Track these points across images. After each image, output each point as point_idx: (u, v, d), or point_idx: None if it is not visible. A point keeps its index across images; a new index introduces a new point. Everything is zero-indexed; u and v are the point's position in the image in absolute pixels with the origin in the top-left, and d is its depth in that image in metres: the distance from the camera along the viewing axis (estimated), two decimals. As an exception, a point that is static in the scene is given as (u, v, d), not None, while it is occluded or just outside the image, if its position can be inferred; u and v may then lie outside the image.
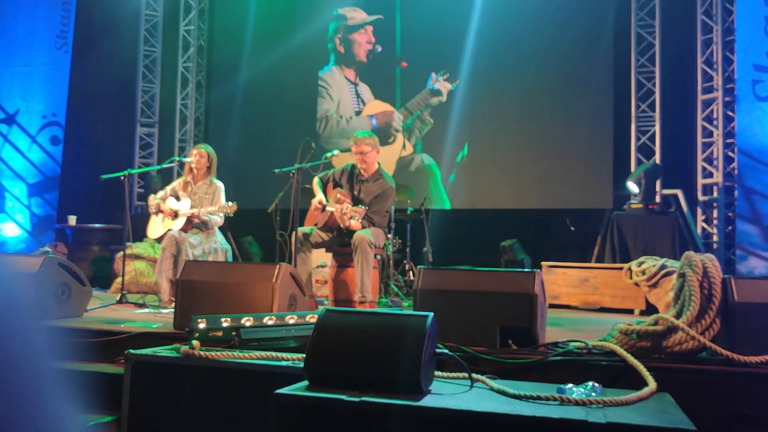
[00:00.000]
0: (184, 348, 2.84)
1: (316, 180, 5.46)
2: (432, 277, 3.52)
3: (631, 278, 5.46)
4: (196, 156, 5.67)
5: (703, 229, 7.67)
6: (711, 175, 7.68)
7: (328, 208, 5.12)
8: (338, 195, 5.24)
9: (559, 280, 6.33)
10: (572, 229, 7.88)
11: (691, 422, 2.04)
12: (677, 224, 6.73)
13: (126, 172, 5.67)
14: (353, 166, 5.39)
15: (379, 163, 5.41)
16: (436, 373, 2.53)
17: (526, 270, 3.82)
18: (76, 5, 8.92)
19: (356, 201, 5.24)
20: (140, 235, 6.82)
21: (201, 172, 5.68)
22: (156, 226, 5.59)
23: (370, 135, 5.33)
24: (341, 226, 5.07)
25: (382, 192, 5.21)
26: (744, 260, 7.03)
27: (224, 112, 9.39)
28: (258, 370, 2.69)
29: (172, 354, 2.88)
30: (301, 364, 2.42)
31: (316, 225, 5.28)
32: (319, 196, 5.32)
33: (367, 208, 5.04)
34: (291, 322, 3.17)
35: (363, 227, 5.07)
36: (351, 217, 4.96)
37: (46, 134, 8.78)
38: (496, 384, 2.39)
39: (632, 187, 7.11)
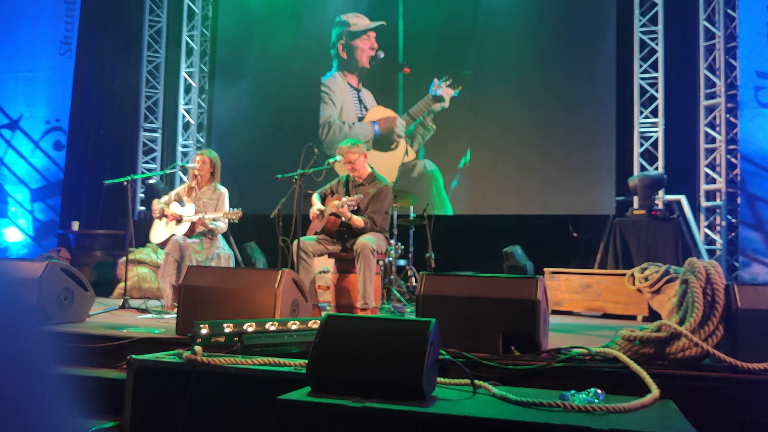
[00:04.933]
0: (187, 353, 2.84)
1: (315, 196, 5.56)
2: (434, 283, 3.52)
3: (633, 284, 5.44)
4: (199, 162, 5.68)
5: (706, 235, 7.66)
6: (714, 181, 7.67)
7: (326, 213, 5.23)
8: (335, 201, 5.29)
9: (562, 287, 6.32)
10: (575, 235, 7.87)
11: (694, 429, 2.04)
12: (680, 230, 6.72)
13: (129, 178, 5.68)
14: (348, 176, 5.52)
15: (371, 167, 5.53)
16: (439, 379, 2.52)
17: (528, 276, 3.82)
18: (79, 11, 8.96)
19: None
20: (143, 240, 6.83)
21: (205, 177, 5.68)
22: (159, 231, 5.59)
23: (353, 144, 5.40)
24: (344, 219, 5.11)
25: (378, 192, 5.30)
26: (747, 267, 7.01)
27: (227, 118, 9.40)
28: (260, 376, 2.69)
29: (174, 359, 2.88)
30: (304, 370, 2.42)
31: (316, 233, 5.30)
32: (317, 205, 5.44)
33: (360, 196, 5.14)
34: (293, 327, 3.17)
35: (365, 224, 5.13)
36: (350, 208, 5.04)
37: (49, 139, 8.80)
38: (498, 390, 2.38)
39: (630, 185, 7.18)
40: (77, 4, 8.93)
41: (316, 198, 5.55)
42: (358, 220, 5.11)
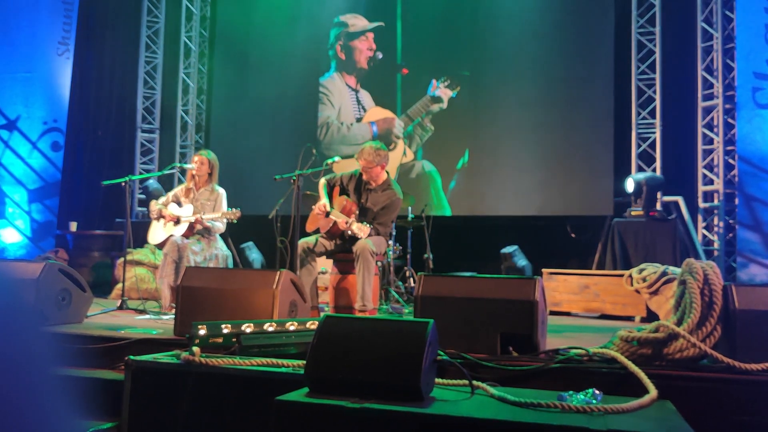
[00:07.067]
0: (185, 354, 2.83)
1: (322, 182, 5.35)
2: (432, 283, 3.52)
3: (631, 285, 5.45)
4: (197, 163, 5.67)
5: (704, 236, 7.67)
6: (711, 182, 7.68)
7: (332, 216, 5.08)
8: (345, 203, 5.17)
9: (560, 287, 6.32)
10: (573, 236, 7.88)
11: (692, 429, 2.04)
12: (678, 231, 6.73)
13: (127, 178, 5.68)
14: (362, 174, 5.24)
15: (387, 173, 5.32)
16: (437, 379, 2.52)
17: (526, 277, 3.82)
18: (77, 12, 8.95)
19: (363, 210, 5.20)
20: (141, 241, 6.82)
21: (202, 178, 5.68)
22: (157, 232, 5.58)
23: (377, 149, 5.10)
24: (349, 232, 5.02)
25: (390, 203, 5.14)
26: (745, 267, 7.02)
27: (225, 118, 9.40)
28: (258, 377, 2.68)
29: (172, 360, 2.88)
30: (302, 371, 2.42)
31: (318, 231, 5.25)
32: (324, 200, 5.21)
33: (371, 227, 4.94)
34: (291, 328, 3.17)
35: (369, 234, 5.03)
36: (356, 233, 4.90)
37: (47, 140, 8.80)
38: (496, 391, 2.38)
39: (629, 184, 7.14)
40: (75, 5, 8.93)
41: (323, 189, 5.30)
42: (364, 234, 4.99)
